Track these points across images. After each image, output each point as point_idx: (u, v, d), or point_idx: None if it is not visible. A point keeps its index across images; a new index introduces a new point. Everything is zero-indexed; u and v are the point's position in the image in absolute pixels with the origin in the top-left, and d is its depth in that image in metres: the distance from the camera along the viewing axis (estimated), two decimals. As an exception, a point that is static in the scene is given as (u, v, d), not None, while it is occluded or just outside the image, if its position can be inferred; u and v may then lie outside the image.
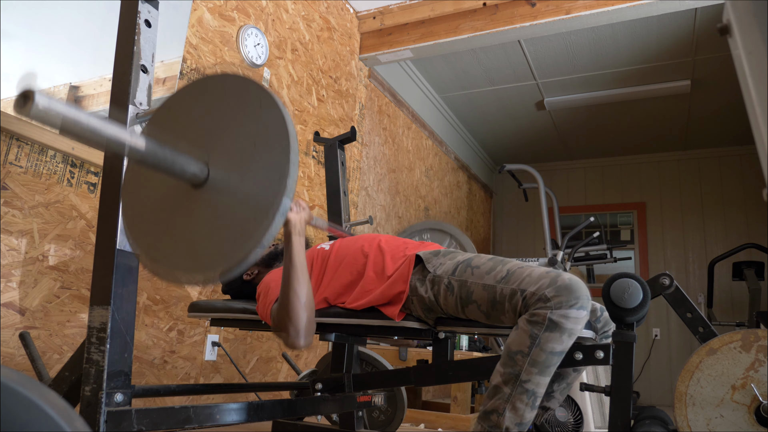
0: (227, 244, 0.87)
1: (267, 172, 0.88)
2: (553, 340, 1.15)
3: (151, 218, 0.99)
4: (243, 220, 0.87)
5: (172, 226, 0.95)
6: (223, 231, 0.89)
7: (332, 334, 1.54)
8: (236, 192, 0.90)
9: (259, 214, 0.86)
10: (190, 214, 0.94)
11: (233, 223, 0.88)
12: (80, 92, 1.96)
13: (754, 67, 0.58)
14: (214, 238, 0.89)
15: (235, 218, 0.88)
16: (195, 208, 0.94)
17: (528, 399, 1.16)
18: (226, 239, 0.88)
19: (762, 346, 1.17)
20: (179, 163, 0.89)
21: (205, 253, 0.89)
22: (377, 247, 1.51)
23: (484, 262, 1.34)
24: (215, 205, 0.92)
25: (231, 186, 0.91)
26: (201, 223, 0.92)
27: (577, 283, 1.19)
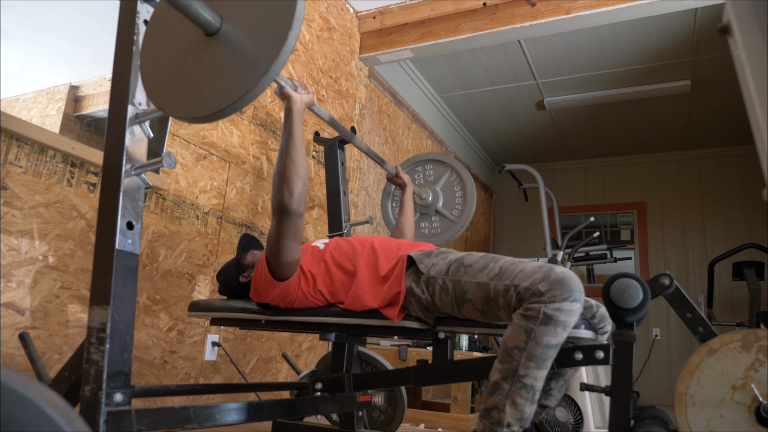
0: (224, 89, 1.01)
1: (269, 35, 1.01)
2: (548, 334, 1.16)
3: (165, 64, 1.12)
4: (240, 72, 1.01)
5: (183, 69, 1.09)
6: (223, 77, 1.03)
7: (332, 334, 1.54)
8: (241, 46, 1.04)
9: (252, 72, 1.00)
10: (199, 59, 1.07)
11: (232, 72, 1.02)
12: (80, 92, 1.96)
13: (754, 67, 0.58)
14: (216, 82, 1.03)
15: (234, 68, 1.02)
16: (204, 53, 1.07)
17: (527, 393, 1.17)
18: (224, 84, 1.01)
19: (762, 346, 1.17)
20: (195, 6, 1.02)
21: (207, 94, 1.03)
22: (370, 247, 1.52)
23: (477, 260, 1.35)
24: (221, 53, 1.05)
25: (238, 40, 1.04)
26: (207, 67, 1.06)
27: (570, 276, 1.20)
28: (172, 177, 2.22)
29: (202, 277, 2.34)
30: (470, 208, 2.42)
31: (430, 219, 2.53)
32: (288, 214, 1.38)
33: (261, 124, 2.74)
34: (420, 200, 2.49)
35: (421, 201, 2.49)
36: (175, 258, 2.22)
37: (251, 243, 1.79)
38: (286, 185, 1.37)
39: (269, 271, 1.46)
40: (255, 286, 1.53)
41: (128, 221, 1.07)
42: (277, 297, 1.50)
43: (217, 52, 1.06)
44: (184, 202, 2.27)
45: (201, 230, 2.35)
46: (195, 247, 2.31)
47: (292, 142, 1.39)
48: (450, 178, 2.48)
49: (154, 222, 2.13)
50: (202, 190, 2.37)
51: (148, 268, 2.10)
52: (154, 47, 1.15)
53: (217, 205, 2.45)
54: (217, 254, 2.42)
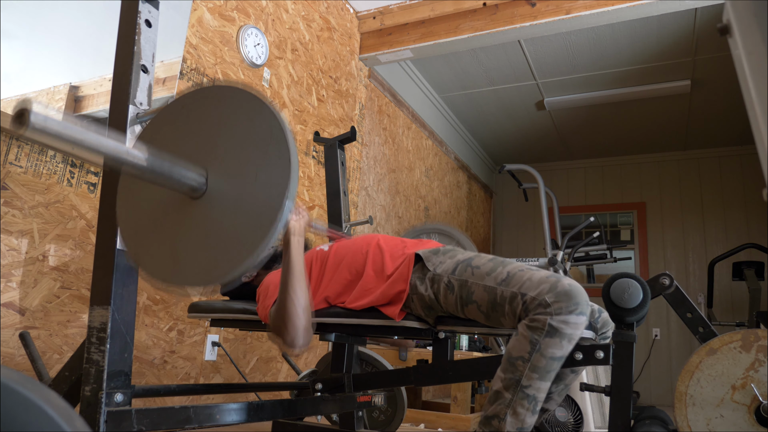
0: (231, 253, 0.87)
1: (267, 184, 0.88)
2: (553, 346, 1.16)
3: (148, 229, 0.98)
4: (242, 232, 0.87)
5: (170, 238, 0.95)
6: (226, 240, 0.89)
7: (332, 334, 1.54)
8: (237, 201, 0.90)
9: (259, 226, 0.86)
10: (188, 226, 0.93)
11: (232, 234, 0.88)
12: (80, 92, 1.96)
13: (754, 67, 0.58)
14: (218, 248, 0.89)
15: (233, 230, 0.88)
16: (193, 219, 0.93)
17: (529, 404, 1.16)
18: (229, 248, 0.88)
19: (762, 346, 1.17)
20: (177, 177, 0.89)
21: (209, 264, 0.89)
22: (376, 246, 1.51)
23: (485, 262, 1.34)
24: (214, 216, 0.91)
25: (230, 197, 0.91)
26: (199, 234, 0.92)
27: (577, 289, 1.19)
28: (172, 177, 2.22)
29: (202, 277, 2.34)
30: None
31: None
32: (293, 351, 1.34)
33: (261, 124, 2.74)
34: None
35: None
36: (175, 258, 2.22)
37: None
38: (288, 325, 1.29)
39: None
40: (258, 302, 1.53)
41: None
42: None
43: (204, 215, 0.92)
44: (184, 202, 2.27)
45: (201, 230, 2.35)
46: (195, 247, 2.31)
47: (292, 276, 1.30)
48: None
49: (154, 222, 2.13)
50: (202, 190, 2.37)
51: (148, 268, 2.10)
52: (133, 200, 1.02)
53: (217, 205, 2.45)
54: (217, 254, 2.42)
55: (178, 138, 1.01)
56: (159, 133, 1.03)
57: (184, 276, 0.91)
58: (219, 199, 0.92)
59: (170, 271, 0.93)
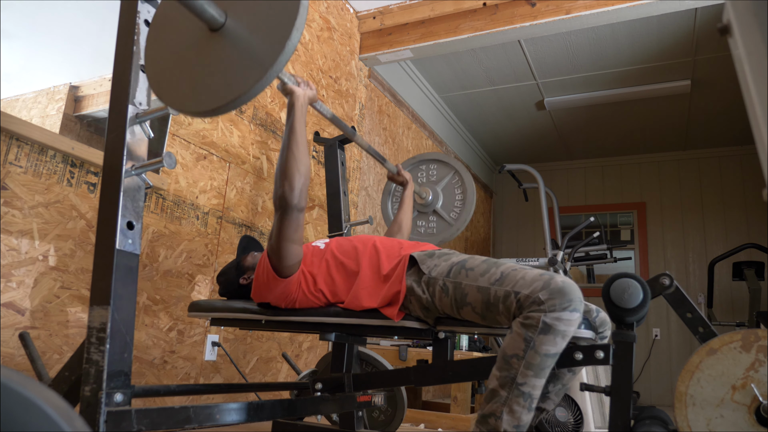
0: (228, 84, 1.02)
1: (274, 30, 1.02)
2: (547, 343, 1.16)
3: (169, 58, 1.12)
4: (245, 67, 1.01)
5: (187, 64, 1.10)
6: (228, 72, 1.03)
7: (332, 334, 1.54)
8: (246, 41, 1.04)
9: (257, 67, 1.00)
10: (203, 54, 1.08)
11: (237, 67, 1.03)
12: (80, 92, 1.96)
13: (754, 67, 0.58)
14: (221, 76, 1.04)
15: (238, 64, 1.03)
16: (209, 49, 1.08)
17: (524, 401, 1.17)
18: (229, 79, 1.02)
19: (762, 346, 1.17)
20: (200, 1, 1.02)
21: (212, 88, 1.04)
22: (372, 246, 1.52)
23: (478, 264, 1.35)
24: (226, 49, 1.05)
25: (243, 36, 1.05)
26: (211, 62, 1.06)
27: (570, 286, 1.20)
28: (172, 177, 2.22)
29: (202, 277, 2.34)
30: (468, 212, 2.42)
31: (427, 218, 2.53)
32: (289, 209, 1.38)
33: (261, 124, 2.74)
34: (420, 199, 2.49)
35: (420, 200, 2.50)
36: (175, 258, 2.22)
37: (251, 244, 1.79)
38: (288, 180, 1.37)
39: (272, 268, 1.46)
40: (257, 285, 1.53)
41: (128, 221, 1.07)
42: (278, 296, 1.50)
43: (222, 47, 1.06)
44: (184, 202, 2.27)
45: (201, 230, 2.35)
46: (195, 247, 2.31)
47: (294, 137, 1.39)
48: (452, 180, 2.48)
49: (154, 222, 2.13)
50: (202, 190, 2.37)
51: (148, 268, 2.10)
52: (159, 42, 1.15)
53: (217, 205, 2.45)
54: (217, 254, 2.42)
55: None
56: None
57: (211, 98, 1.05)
58: (234, 34, 1.06)
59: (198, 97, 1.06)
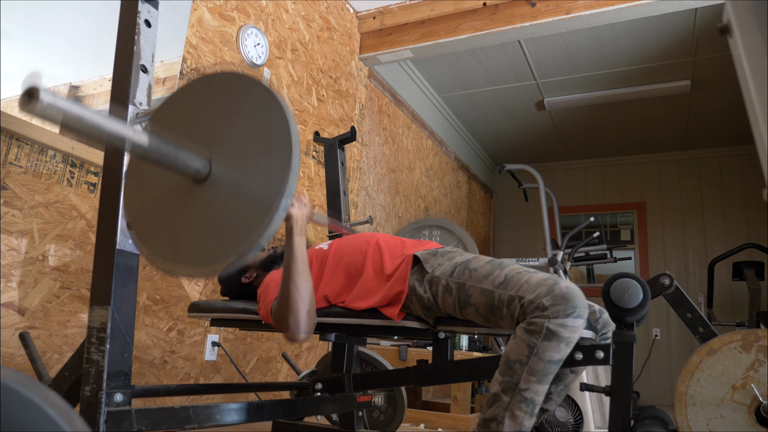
0: (228, 239, 0.89)
1: (268, 170, 0.89)
2: (551, 349, 1.16)
3: (153, 213, 1.00)
4: (244, 216, 0.89)
5: (174, 221, 0.97)
6: (225, 226, 0.90)
7: (332, 334, 1.54)
8: (238, 188, 0.91)
9: (259, 211, 0.88)
10: (192, 210, 0.95)
11: (235, 218, 0.90)
12: (80, 92, 1.96)
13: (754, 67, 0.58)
14: (216, 234, 0.91)
15: (236, 214, 0.90)
16: (197, 203, 0.95)
17: (527, 407, 1.16)
18: (227, 234, 0.89)
19: (762, 346, 1.17)
20: (182, 159, 0.90)
21: (207, 249, 0.91)
22: (376, 245, 1.52)
23: (483, 265, 1.34)
24: (217, 200, 0.93)
25: (233, 182, 0.92)
26: (203, 218, 0.93)
27: (574, 292, 1.19)
28: (172, 177, 2.22)
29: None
30: None
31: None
32: (298, 340, 1.34)
33: (261, 124, 2.74)
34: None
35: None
36: (175, 258, 2.21)
37: None
38: (291, 314, 1.29)
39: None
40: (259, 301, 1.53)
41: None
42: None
43: (210, 199, 0.93)
44: (184, 202, 2.27)
45: (201, 230, 2.34)
46: (195, 247, 2.31)
47: (295, 265, 1.30)
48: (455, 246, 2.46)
49: (154, 222, 2.13)
50: (202, 190, 2.37)
51: (148, 268, 2.10)
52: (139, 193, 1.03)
53: (217, 205, 2.45)
54: (217, 254, 2.42)
55: (186, 121, 1.02)
56: (168, 115, 1.05)
57: (181, 259, 0.93)
58: (221, 185, 0.93)
59: (168, 254, 0.94)
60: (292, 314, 1.29)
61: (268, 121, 0.92)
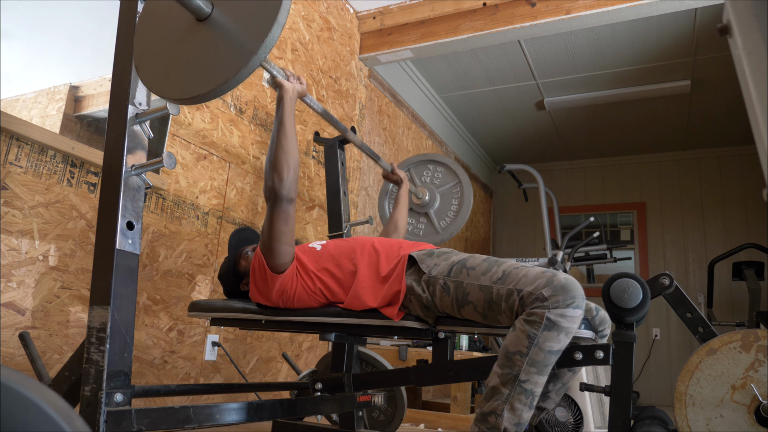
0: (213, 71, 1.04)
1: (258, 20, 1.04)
2: (551, 339, 1.17)
3: (154, 46, 1.14)
4: (229, 55, 1.03)
5: (170, 53, 1.11)
6: (213, 60, 1.05)
7: (332, 334, 1.54)
8: (231, 31, 1.06)
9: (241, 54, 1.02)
10: (187, 45, 1.09)
11: (222, 55, 1.04)
12: (80, 92, 1.96)
13: (754, 67, 0.58)
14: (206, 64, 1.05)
15: (223, 52, 1.05)
16: (193, 39, 1.09)
17: (526, 399, 1.17)
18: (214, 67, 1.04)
19: (762, 346, 1.17)
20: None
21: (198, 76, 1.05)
22: (371, 247, 1.52)
23: (479, 262, 1.35)
24: (210, 39, 1.07)
25: (228, 25, 1.07)
26: (198, 50, 1.08)
27: (573, 283, 1.20)
28: (172, 177, 2.22)
29: (202, 277, 2.34)
30: (458, 225, 2.41)
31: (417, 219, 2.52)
32: (279, 200, 1.39)
33: (261, 124, 2.74)
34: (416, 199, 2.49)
35: (417, 200, 2.49)
36: (175, 258, 2.22)
37: (240, 242, 1.77)
38: (276, 172, 1.38)
39: (266, 264, 1.46)
40: (254, 283, 1.52)
41: (128, 221, 1.07)
42: (276, 293, 1.50)
43: (208, 36, 1.08)
44: (184, 202, 2.27)
45: (201, 230, 2.35)
46: (195, 247, 2.31)
47: (283, 129, 1.40)
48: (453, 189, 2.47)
49: (154, 222, 2.13)
50: (202, 190, 2.37)
51: (148, 268, 2.10)
52: (147, 33, 1.17)
53: (217, 205, 2.45)
54: (217, 254, 2.42)
55: None
56: None
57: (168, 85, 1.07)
58: (217, 27, 1.08)
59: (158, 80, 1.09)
60: (276, 172, 1.39)
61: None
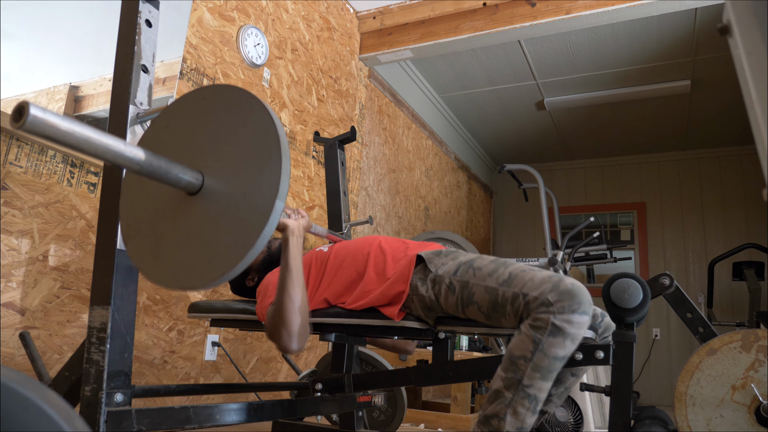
0: (222, 250, 0.88)
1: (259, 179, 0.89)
2: (557, 345, 1.15)
3: (148, 225, 1.00)
4: (236, 226, 0.88)
5: (169, 233, 0.97)
6: (218, 237, 0.90)
7: (332, 334, 1.54)
8: (230, 199, 0.91)
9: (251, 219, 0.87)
10: (185, 221, 0.95)
11: (227, 228, 0.89)
12: (80, 92, 1.96)
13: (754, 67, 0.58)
14: (209, 244, 0.90)
15: (228, 224, 0.90)
16: (187, 214, 0.95)
17: (529, 404, 1.16)
18: (220, 245, 0.89)
19: (762, 346, 1.17)
20: (174, 173, 0.91)
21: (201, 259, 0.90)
22: (378, 247, 1.51)
23: (487, 263, 1.34)
24: (210, 211, 0.93)
25: (225, 193, 0.92)
26: (196, 229, 0.93)
27: (580, 288, 1.19)
28: (172, 177, 2.22)
29: (202, 277, 2.34)
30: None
31: None
32: (288, 352, 1.35)
33: (261, 124, 2.74)
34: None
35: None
36: (175, 258, 2.21)
37: None
38: (284, 326, 1.30)
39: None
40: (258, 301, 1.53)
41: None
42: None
43: (203, 210, 0.94)
44: (184, 202, 2.27)
45: (201, 230, 2.35)
46: (195, 247, 2.31)
47: (290, 277, 1.32)
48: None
49: (154, 222, 2.13)
50: (202, 190, 2.37)
51: (148, 268, 2.10)
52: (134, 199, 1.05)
53: (217, 205, 2.45)
54: (217, 254, 2.42)
55: (179, 136, 1.02)
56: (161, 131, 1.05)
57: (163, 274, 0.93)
58: (214, 198, 0.93)
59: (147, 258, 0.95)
60: (285, 326, 1.30)
61: (258, 131, 0.92)
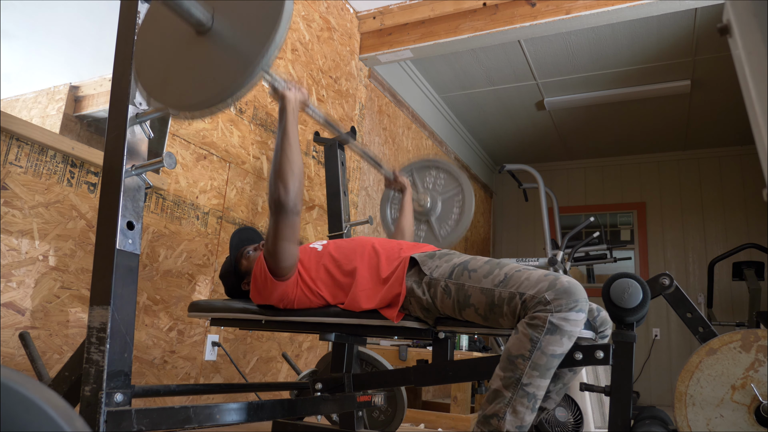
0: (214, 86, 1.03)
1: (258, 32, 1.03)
2: (554, 343, 1.16)
3: (155, 55, 1.14)
4: (230, 68, 1.03)
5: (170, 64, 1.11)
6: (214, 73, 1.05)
7: (332, 334, 1.54)
8: (232, 43, 1.06)
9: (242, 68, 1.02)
10: (187, 57, 1.10)
11: (223, 68, 1.04)
12: (80, 92, 1.96)
13: (754, 67, 0.58)
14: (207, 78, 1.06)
15: (224, 65, 1.04)
16: (194, 52, 1.10)
17: (529, 402, 1.17)
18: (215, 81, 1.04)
19: (762, 346, 1.17)
20: (187, 6, 1.05)
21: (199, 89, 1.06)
22: (372, 248, 1.52)
23: (481, 265, 1.34)
24: (211, 52, 1.08)
25: (229, 38, 1.07)
26: (198, 64, 1.08)
27: (576, 286, 1.19)
28: (172, 177, 2.22)
29: (202, 277, 2.34)
30: (459, 234, 2.39)
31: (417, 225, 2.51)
32: (285, 213, 1.38)
33: (261, 124, 2.74)
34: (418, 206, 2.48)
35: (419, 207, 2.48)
36: (175, 258, 2.22)
37: (242, 242, 1.77)
38: (282, 183, 1.37)
39: (269, 270, 1.46)
40: (254, 287, 1.52)
41: (128, 221, 1.07)
42: (277, 298, 1.50)
43: (208, 49, 1.08)
44: (184, 202, 2.27)
45: (201, 230, 2.35)
46: (195, 247, 2.31)
47: (287, 140, 1.39)
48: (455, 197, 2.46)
49: (154, 222, 2.13)
50: (202, 190, 2.37)
51: (148, 268, 2.10)
52: (148, 39, 1.17)
53: (217, 205, 2.45)
54: (217, 254, 2.42)
55: None
56: None
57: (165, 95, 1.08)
58: (218, 40, 1.08)
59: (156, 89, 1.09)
60: (282, 182, 1.37)
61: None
